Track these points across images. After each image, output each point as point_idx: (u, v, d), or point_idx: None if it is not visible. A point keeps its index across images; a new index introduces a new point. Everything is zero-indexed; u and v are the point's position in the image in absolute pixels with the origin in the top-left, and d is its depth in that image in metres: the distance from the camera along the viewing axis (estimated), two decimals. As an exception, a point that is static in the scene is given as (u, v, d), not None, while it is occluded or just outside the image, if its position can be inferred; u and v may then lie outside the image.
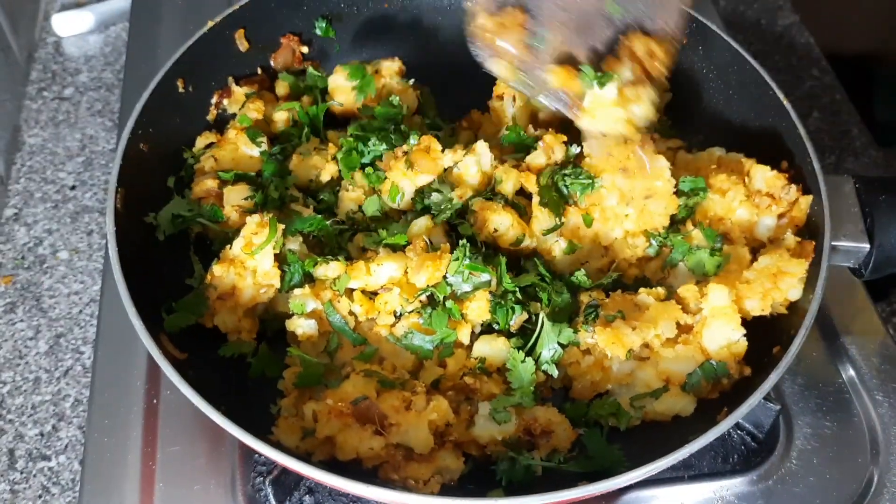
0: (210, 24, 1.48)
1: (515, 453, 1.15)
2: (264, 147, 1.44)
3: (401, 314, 1.25)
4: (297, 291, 1.26)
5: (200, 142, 1.46)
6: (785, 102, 1.37)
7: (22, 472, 1.33)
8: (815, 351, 1.42)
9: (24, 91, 1.89)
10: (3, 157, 1.74)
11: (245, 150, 1.43)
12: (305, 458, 1.02)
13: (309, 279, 1.29)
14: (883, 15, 1.94)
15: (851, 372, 1.39)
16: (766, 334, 1.20)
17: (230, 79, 1.53)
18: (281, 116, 1.50)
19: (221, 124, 1.51)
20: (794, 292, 1.21)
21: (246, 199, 1.34)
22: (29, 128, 1.82)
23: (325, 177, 1.43)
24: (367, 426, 1.11)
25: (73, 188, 1.71)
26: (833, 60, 2.00)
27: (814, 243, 1.24)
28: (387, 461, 1.10)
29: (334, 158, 1.43)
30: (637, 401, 1.21)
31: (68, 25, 2.00)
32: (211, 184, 1.36)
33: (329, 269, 1.26)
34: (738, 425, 1.31)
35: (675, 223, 1.34)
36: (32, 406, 1.41)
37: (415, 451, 1.11)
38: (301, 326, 1.24)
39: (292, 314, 1.25)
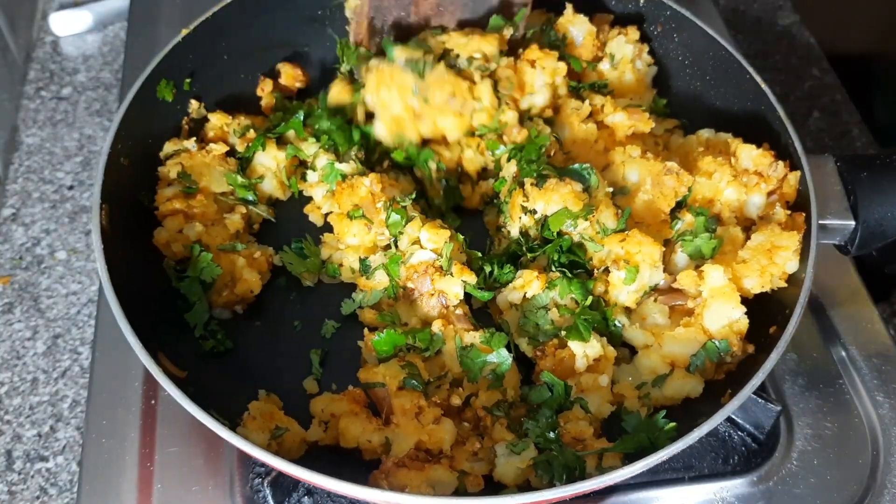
0: (184, 32, 1.46)
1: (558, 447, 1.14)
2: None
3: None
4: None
5: (169, 147, 1.40)
6: (763, 85, 1.38)
7: (20, 473, 1.33)
8: (816, 352, 1.41)
9: (22, 91, 1.88)
10: (1, 157, 1.73)
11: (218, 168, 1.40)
12: (310, 465, 1.01)
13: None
14: (883, 15, 1.93)
15: (852, 373, 1.39)
16: (766, 315, 1.21)
17: (193, 102, 1.48)
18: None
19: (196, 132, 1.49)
20: (791, 265, 1.22)
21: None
22: (27, 127, 1.81)
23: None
24: (371, 417, 1.14)
25: (70, 188, 1.71)
26: (833, 60, 2.00)
27: (804, 215, 1.25)
28: (379, 471, 1.10)
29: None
30: (642, 389, 1.22)
31: (66, 25, 1.99)
32: (179, 205, 1.32)
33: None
34: (738, 426, 1.31)
35: (671, 211, 1.34)
36: (30, 407, 1.40)
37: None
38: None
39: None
